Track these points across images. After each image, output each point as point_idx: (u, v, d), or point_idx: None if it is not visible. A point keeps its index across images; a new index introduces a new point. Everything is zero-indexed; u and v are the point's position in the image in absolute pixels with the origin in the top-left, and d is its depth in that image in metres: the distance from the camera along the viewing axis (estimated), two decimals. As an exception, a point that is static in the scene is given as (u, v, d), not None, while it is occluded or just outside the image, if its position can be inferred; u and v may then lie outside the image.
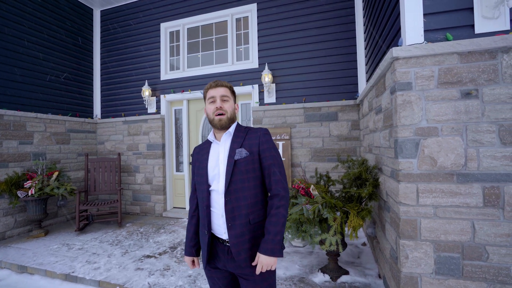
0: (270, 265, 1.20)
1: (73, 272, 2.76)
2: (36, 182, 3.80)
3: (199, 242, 1.41)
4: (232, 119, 1.35)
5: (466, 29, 1.80)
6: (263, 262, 1.19)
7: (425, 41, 1.84)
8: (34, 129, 4.29)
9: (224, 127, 1.32)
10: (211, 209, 1.29)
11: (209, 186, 1.30)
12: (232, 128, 1.35)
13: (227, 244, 1.26)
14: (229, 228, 1.23)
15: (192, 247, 1.42)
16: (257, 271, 1.20)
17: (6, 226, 3.86)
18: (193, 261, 1.43)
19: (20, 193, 3.71)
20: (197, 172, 1.38)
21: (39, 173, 4.04)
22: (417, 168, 1.80)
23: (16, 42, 4.12)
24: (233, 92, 1.39)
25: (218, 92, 1.32)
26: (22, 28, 4.19)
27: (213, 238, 1.32)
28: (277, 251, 1.19)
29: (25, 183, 3.80)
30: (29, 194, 3.72)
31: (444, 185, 1.75)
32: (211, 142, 1.40)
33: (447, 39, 1.81)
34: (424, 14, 1.86)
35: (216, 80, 1.35)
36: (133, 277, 2.64)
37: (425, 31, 1.85)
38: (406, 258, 1.80)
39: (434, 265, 1.76)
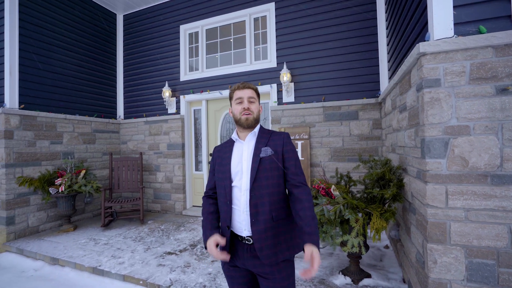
0: (319, 258, 1.14)
1: (100, 266, 2.89)
2: (66, 179, 4.02)
3: (219, 227, 1.36)
4: (257, 120, 1.40)
5: (502, 20, 1.69)
6: (317, 255, 1.11)
7: (455, 35, 1.74)
8: (63, 129, 4.54)
9: (250, 127, 1.37)
10: (232, 205, 1.31)
11: (231, 182, 1.33)
12: (257, 129, 1.41)
13: (247, 242, 1.28)
14: (253, 224, 1.25)
15: (214, 229, 1.31)
16: (315, 266, 1.09)
17: (40, 220, 4.12)
18: (217, 245, 1.26)
19: (52, 190, 3.95)
20: (218, 169, 1.41)
21: (68, 171, 4.27)
22: (446, 168, 1.71)
23: (47, 47, 4.38)
24: (258, 94, 1.44)
25: (245, 93, 1.37)
26: (51, 34, 4.45)
27: (233, 237, 1.33)
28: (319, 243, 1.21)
29: (56, 181, 4.03)
30: (60, 191, 3.95)
31: (477, 187, 1.65)
32: (233, 141, 1.44)
33: (480, 32, 1.70)
34: (454, 7, 1.76)
35: (243, 82, 1.42)
36: (155, 272, 2.72)
37: (455, 24, 1.75)
38: (435, 263, 1.72)
39: (466, 272, 1.66)
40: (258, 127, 1.42)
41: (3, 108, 3.73)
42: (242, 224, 1.28)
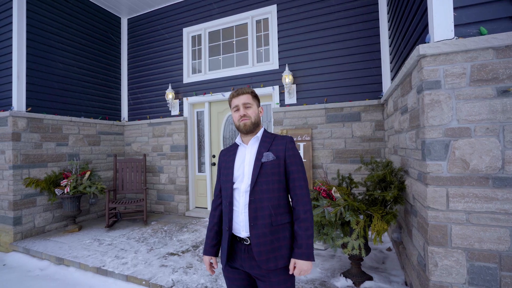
0: (308, 270, 1.24)
1: (103, 266, 2.93)
2: (71, 181, 4.08)
3: (220, 242, 1.46)
4: (256, 123, 1.40)
5: (503, 21, 1.68)
6: (302, 267, 1.23)
7: (455, 37, 1.73)
8: (69, 131, 4.62)
9: (249, 131, 1.38)
10: (233, 207, 1.34)
11: (233, 184, 1.35)
12: (259, 133, 1.42)
13: (245, 242, 1.30)
14: (252, 228, 1.26)
15: (213, 246, 1.44)
16: (296, 274, 1.25)
17: (46, 221, 4.20)
18: (211, 263, 1.45)
19: (57, 191, 4.02)
20: (223, 172, 1.43)
21: (73, 172, 4.34)
22: (447, 171, 1.70)
23: (53, 51, 4.47)
24: (255, 97, 1.43)
25: (240, 100, 1.38)
26: (57, 38, 4.54)
27: (232, 238, 1.35)
28: (311, 255, 1.25)
29: (61, 182, 4.10)
30: (65, 192, 4.01)
31: (478, 190, 1.64)
32: (238, 145, 1.46)
33: (481, 34, 1.69)
34: (454, 8, 1.75)
35: (238, 89, 1.42)
36: (158, 273, 2.75)
37: (455, 26, 1.75)
38: (435, 266, 1.70)
39: (467, 275, 1.65)
40: (261, 131, 1.43)
41: (11, 111, 3.82)
42: (240, 225, 1.30)
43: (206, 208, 5.14)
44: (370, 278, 2.46)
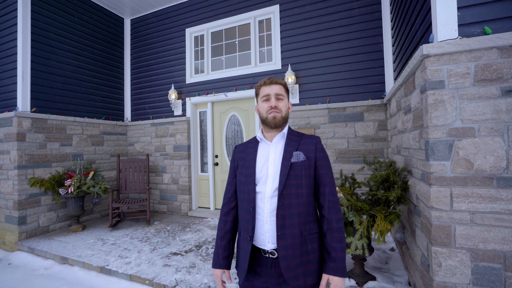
0: (343, 287, 1.11)
1: (107, 265, 2.95)
2: (75, 180, 4.12)
3: (233, 252, 1.29)
4: (286, 119, 1.24)
5: (507, 21, 1.67)
6: (337, 284, 1.09)
7: (459, 36, 1.73)
8: (73, 132, 4.65)
9: (277, 126, 1.21)
10: (256, 214, 1.17)
11: (255, 186, 1.19)
12: (285, 129, 1.25)
13: (271, 256, 1.15)
14: (279, 238, 1.10)
15: (226, 258, 1.25)
16: None
17: (50, 220, 4.23)
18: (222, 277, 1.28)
19: (62, 191, 4.05)
20: (241, 171, 1.25)
21: (77, 172, 4.37)
22: (450, 171, 1.69)
23: (57, 52, 4.50)
24: (287, 90, 1.28)
25: (273, 89, 1.21)
26: (61, 39, 4.57)
27: (253, 250, 1.18)
28: (345, 271, 1.12)
29: (65, 182, 4.13)
30: (69, 191, 4.04)
31: (482, 190, 1.63)
32: (258, 141, 1.28)
33: (485, 33, 1.68)
34: (458, 8, 1.74)
35: (270, 77, 1.25)
36: (161, 272, 2.76)
37: (459, 25, 1.74)
38: (439, 266, 1.70)
39: (471, 275, 1.64)
40: (286, 127, 1.26)
41: (16, 111, 3.85)
42: (265, 235, 1.14)
43: (209, 208, 5.16)
44: (373, 278, 2.45)
